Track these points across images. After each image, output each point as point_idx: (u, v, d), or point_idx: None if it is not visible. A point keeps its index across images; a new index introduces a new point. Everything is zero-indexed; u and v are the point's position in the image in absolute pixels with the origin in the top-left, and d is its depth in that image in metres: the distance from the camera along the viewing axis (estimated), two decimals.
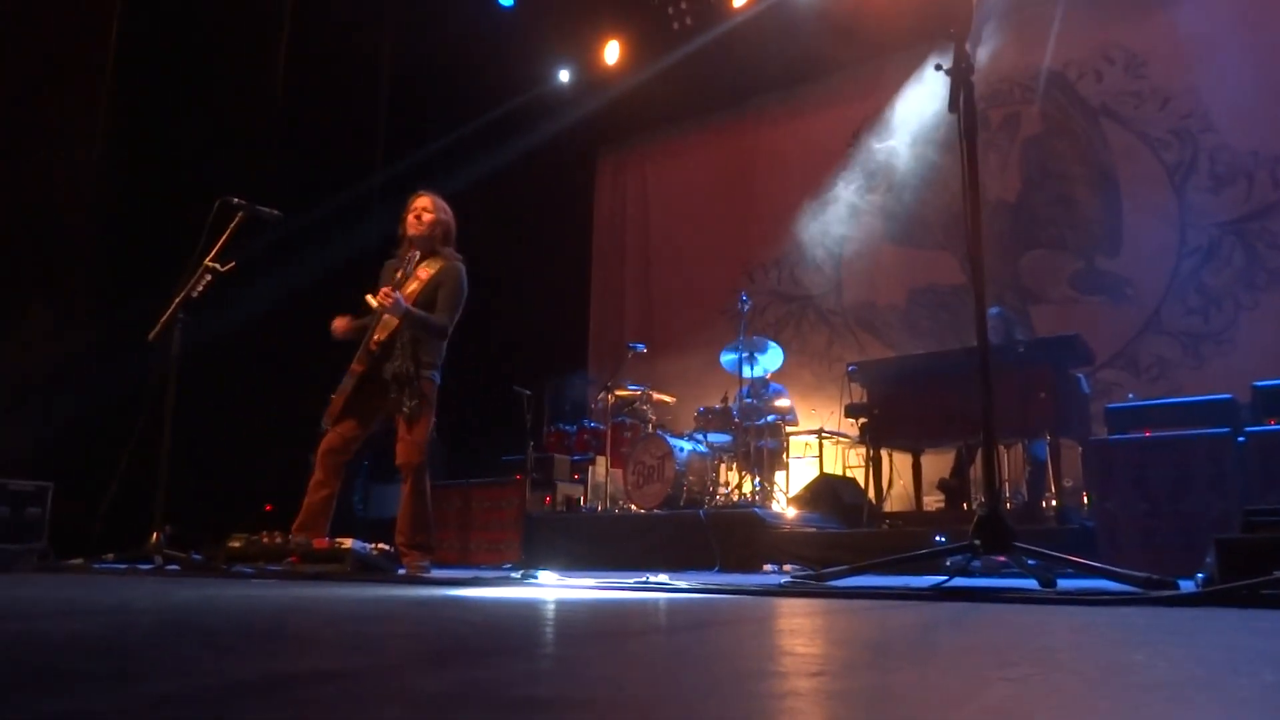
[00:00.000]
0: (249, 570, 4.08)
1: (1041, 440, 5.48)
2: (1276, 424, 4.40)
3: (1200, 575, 2.53)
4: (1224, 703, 0.87)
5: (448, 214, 4.63)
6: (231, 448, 6.16)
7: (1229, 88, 7.35)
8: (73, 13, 6.67)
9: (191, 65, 7.09)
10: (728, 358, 7.63)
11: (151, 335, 4.61)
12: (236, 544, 4.31)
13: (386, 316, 4.36)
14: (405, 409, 4.28)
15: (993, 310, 6.26)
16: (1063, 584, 2.89)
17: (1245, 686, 0.97)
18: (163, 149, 6.78)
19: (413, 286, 4.43)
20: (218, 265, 4.67)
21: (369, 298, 4.36)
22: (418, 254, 4.52)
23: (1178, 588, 2.38)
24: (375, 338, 4.37)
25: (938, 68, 3.06)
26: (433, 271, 4.48)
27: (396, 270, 4.55)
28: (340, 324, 4.51)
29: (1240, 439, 4.36)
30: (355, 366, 4.39)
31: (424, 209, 4.56)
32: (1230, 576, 2.24)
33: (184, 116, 6.97)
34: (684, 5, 9.65)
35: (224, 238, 4.68)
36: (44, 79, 6.47)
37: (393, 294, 4.26)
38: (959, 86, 2.98)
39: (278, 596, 2.50)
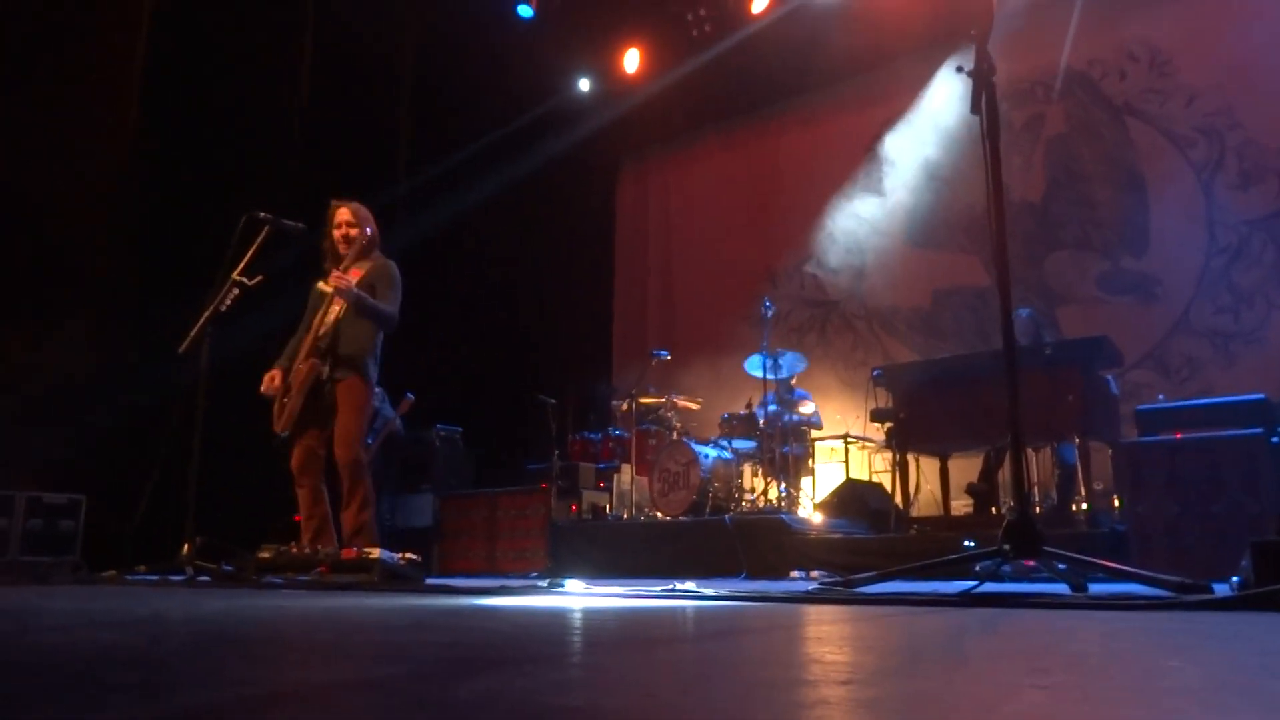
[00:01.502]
0: (279, 581, 4.12)
1: (1070, 443, 5.42)
2: None
3: (1235, 579, 2.49)
4: (1260, 709, 0.86)
5: (371, 223, 4.68)
6: (260, 459, 6.22)
7: (1255, 84, 7.26)
8: (100, 28, 6.77)
9: (217, 80, 7.19)
10: (752, 363, 7.61)
11: (181, 349, 4.67)
12: (266, 555, 4.36)
13: (326, 315, 4.44)
14: (322, 371, 4.35)
15: (1023, 311, 6.21)
16: (1094, 589, 2.85)
17: None
18: (191, 163, 6.87)
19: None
20: (245, 279, 4.73)
21: (321, 284, 4.46)
22: (347, 260, 4.60)
23: (1212, 592, 2.35)
24: (318, 333, 4.45)
25: (959, 70, 3.04)
26: (364, 271, 4.55)
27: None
28: (273, 379, 4.54)
29: (1274, 439, 4.29)
30: (302, 365, 4.45)
31: (348, 225, 4.59)
32: (1266, 580, 2.21)
33: (211, 130, 7.06)
34: (703, 13, 9.66)
35: (251, 252, 4.74)
36: (72, 95, 6.58)
37: (345, 277, 4.32)
38: (980, 88, 2.96)
39: (308, 606, 2.52)
